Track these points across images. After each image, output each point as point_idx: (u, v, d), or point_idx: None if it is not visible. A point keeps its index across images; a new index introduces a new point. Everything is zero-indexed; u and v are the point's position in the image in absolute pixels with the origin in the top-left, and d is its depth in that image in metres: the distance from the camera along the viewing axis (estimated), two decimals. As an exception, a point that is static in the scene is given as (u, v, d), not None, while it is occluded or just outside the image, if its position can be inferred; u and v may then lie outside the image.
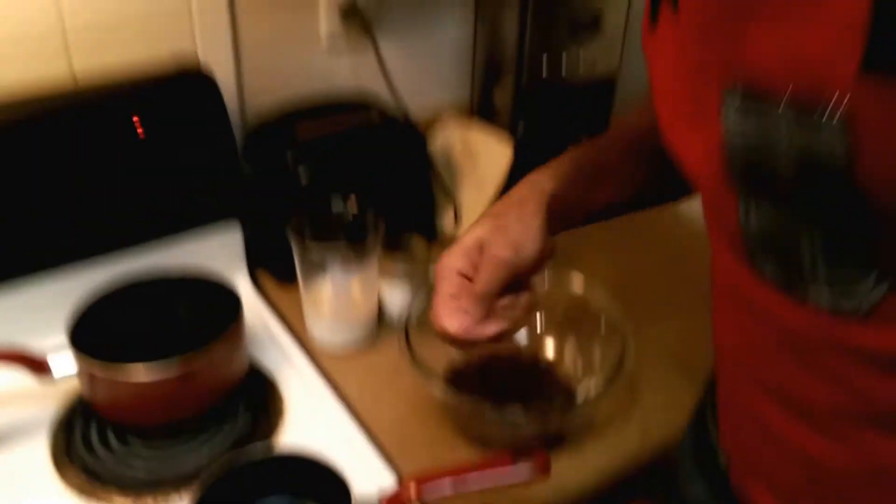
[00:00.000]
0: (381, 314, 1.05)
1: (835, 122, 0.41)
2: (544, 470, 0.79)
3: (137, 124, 0.98)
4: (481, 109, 1.29)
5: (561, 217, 0.73)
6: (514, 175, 1.18)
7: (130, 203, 1.00)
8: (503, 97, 1.23)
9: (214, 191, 1.06)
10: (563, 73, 1.20)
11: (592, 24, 1.18)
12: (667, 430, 0.92)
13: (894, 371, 0.50)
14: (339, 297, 1.02)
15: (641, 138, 0.76)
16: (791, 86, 0.43)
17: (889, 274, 0.47)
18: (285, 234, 0.98)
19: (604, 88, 1.25)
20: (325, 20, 1.19)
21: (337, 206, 1.03)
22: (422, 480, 0.77)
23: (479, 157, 1.21)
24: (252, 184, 1.10)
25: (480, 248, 0.71)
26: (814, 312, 0.51)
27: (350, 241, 1.00)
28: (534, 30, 1.16)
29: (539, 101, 1.22)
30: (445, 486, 0.77)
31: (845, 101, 0.41)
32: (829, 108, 0.41)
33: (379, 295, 1.05)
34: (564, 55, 1.19)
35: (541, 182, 0.74)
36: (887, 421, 0.52)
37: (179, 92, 1.03)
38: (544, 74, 1.19)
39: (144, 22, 1.04)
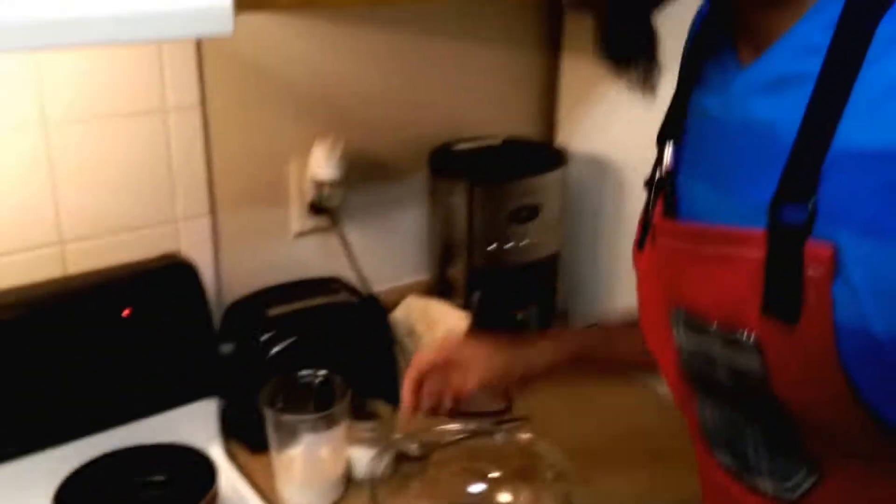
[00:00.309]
0: (349, 475, 1.14)
1: (751, 344, 0.54)
2: None
3: (124, 310, 1.10)
4: (438, 285, 1.42)
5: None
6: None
7: (115, 384, 1.11)
8: (457, 274, 1.38)
9: (193, 369, 1.17)
10: (510, 253, 1.35)
11: (532, 212, 1.35)
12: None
13: None
14: (308, 461, 1.11)
15: None
16: (717, 315, 0.57)
17: (817, 468, 0.58)
18: (258, 404, 1.08)
19: (547, 266, 1.40)
20: (296, 216, 1.34)
21: (306, 376, 1.13)
22: None
23: (438, 327, 1.33)
24: (227, 360, 1.21)
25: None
26: (763, 499, 0.63)
27: (319, 408, 1.10)
28: (481, 217, 1.32)
29: (490, 277, 1.36)
30: None
31: (754, 332, 0.54)
32: (745, 334, 0.55)
33: (347, 457, 1.14)
34: (511, 238, 1.34)
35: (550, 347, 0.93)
36: None
37: (163, 279, 1.16)
38: (493, 254, 1.34)
39: (136, 229, 1.19)
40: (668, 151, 0.67)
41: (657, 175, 0.68)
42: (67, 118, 1.10)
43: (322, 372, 1.14)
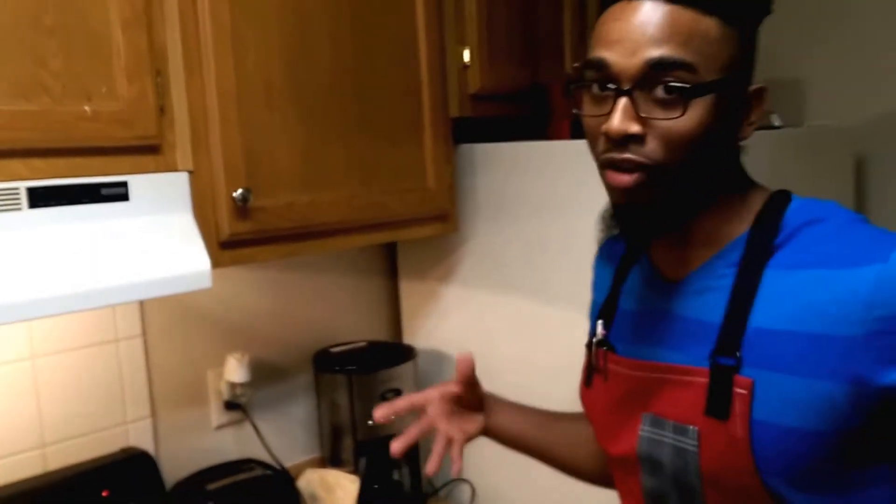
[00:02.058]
0: None
1: (694, 433, 0.88)
2: None
3: (103, 491, 1.44)
4: (331, 457, 1.82)
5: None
6: (361, 498, 1.69)
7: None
8: (346, 447, 1.78)
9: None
10: (384, 428, 1.77)
11: (396, 393, 1.79)
12: None
13: None
14: None
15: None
16: (674, 416, 0.91)
17: None
18: None
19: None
20: (215, 412, 1.73)
21: None
22: None
23: (335, 490, 1.72)
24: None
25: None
26: None
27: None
28: (359, 400, 1.75)
29: (371, 447, 1.77)
30: None
31: (697, 426, 0.88)
32: (690, 428, 0.89)
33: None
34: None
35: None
36: None
37: (127, 466, 1.50)
38: (371, 429, 1.76)
39: (93, 432, 1.55)
40: (599, 326, 1.01)
41: (594, 339, 1.01)
42: (50, 349, 1.48)
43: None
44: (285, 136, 1.40)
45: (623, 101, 0.81)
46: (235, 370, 1.70)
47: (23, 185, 1.11)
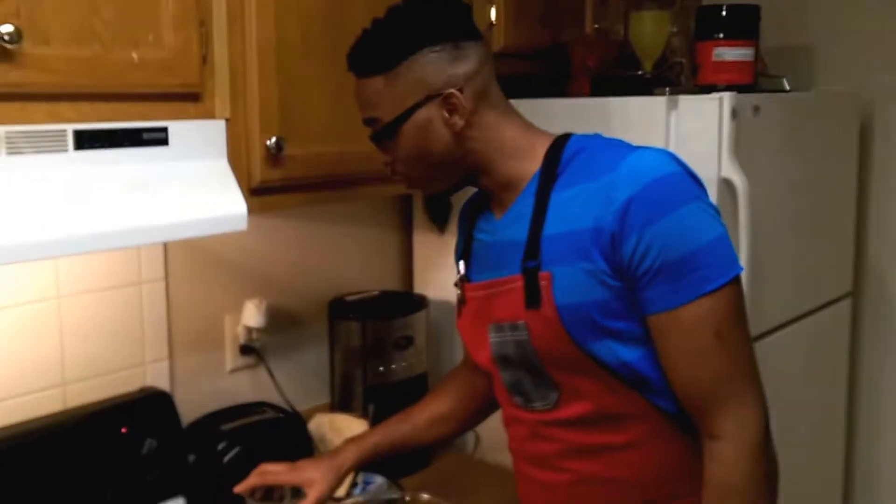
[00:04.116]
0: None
1: (522, 326, 1.12)
2: None
3: (122, 428, 1.47)
4: (341, 403, 1.86)
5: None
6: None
7: (109, 487, 1.46)
8: (356, 394, 1.83)
9: (168, 475, 1.54)
10: (394, 374, 1.82)
11: (409, 341, 1.83)
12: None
13: (572, 428, 1.16)
14: None
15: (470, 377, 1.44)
16: (507, 318, 1.14)
17: (558, 387, 1.15)
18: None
19: (420, 381, 1.87)
20: (230, 356, 1.77)
21: None
22: None
23: (344, 433, 1.76)
24: (193, 467, 1.58)
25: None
26: (537, 412, 1.19)
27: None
28: (371, 347, 1.80)
29: (381, 392, 1.82)
30: None
31: (523, 320, 1.11)
32: (519, 322, 1.12)
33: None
34: (394, 362, 1.82)
35: (346, 452, 1.43)
36: (576, 454, 1.17)
37: (146, 405, 1.54)
38: (382, 374, 1.81)
39: (118, 370, 1.58)
40: (461, 265, 1.28)
41: (458, 276, 1.29)
42: (75, 290, 1.51)
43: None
44: (318, 87, 1.42)
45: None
46: (253, 315, 1.74)
47: (70, 128, 1.13)
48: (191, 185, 1.25)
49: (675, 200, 1.05)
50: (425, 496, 1.56)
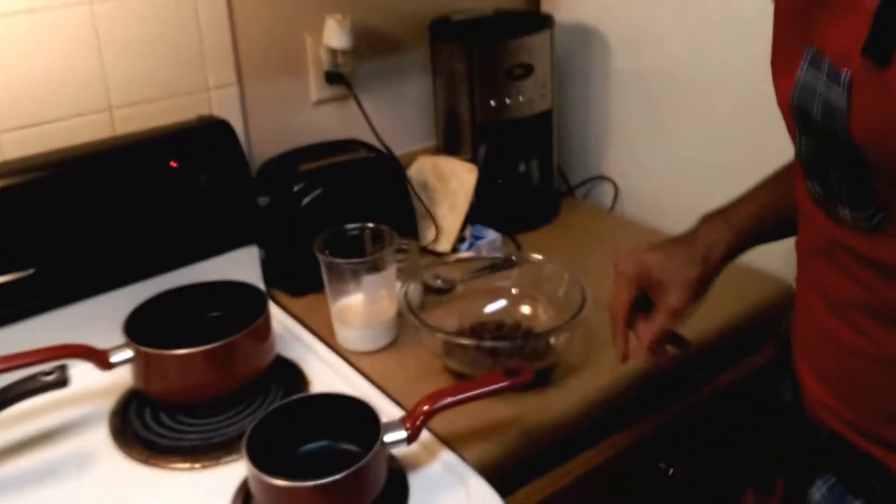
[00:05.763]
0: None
1: (846, 81, 0.65)
2: (528, 377, 0.98)
3: (170, 165, 1.23)
4: (446, 143, 1.56)
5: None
6: (479, 191, 1.46)
7: (167, 232, 1.23)
8: (463, 131, 1.51)
9: (234, 219, 1.30)
10: (509, 110, 1.49)
11: (527, 70, 1.48)
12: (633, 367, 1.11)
13: (890, 274, 0.71)
14: (371, 305, 1.19)
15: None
16: (832, 54, 0.67)
17: (883, 208, 0.69)
18: (298, 254, 1.17)
19: (542, 120, 1.54)
20: (315, 84, 1.47)
21: (352, 228, 1.23)
22: (432, 396, 0.96)
23: (449, 180, 1.48)
24: (265, 212, 1.34)
25: (649, 269, 0.95)
26: (840, 227, 0.74)
27: (369, 254, 1.20)
28: (480, 76, 1.46)
29: (493, 131, 1.50)
30: (452, 398, 0.95)
31: (850, 73, 0.65)
32: (843, 75, 0.65)
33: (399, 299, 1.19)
34: (509, 95, 1.48)
35: (712, 234, 0.94)
36: (888, 314, 0.73)
37: (203, 136, 1.28)
38: (494, 110, 1.48)
39: (172, 97, 1.31)
40: None
41: None
42: (111, -8, 1.22)
43: (370, 225, 1.23)
44: None
45: None
46: (336, 33, 1.42)
47: None
48: None
49: None
50: (537, 257, 1.29)
